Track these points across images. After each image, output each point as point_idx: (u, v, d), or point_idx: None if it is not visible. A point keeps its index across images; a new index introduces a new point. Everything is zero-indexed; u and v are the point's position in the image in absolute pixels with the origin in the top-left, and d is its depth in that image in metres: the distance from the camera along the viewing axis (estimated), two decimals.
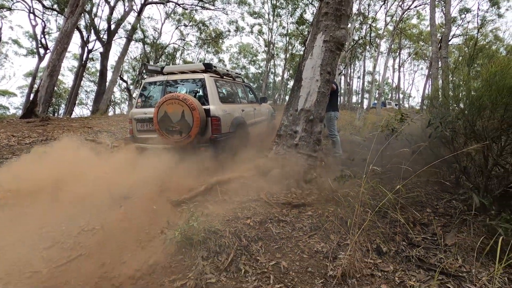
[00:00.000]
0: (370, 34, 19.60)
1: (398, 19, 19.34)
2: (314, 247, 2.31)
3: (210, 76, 4.66)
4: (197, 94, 4.51)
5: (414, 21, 25.20)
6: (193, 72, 4.87)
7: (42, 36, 19.13)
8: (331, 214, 2.82)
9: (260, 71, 32.89)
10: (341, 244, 2.38)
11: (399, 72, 30.23)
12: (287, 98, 30.63)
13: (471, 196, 2.65)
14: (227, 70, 5.68)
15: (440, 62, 9.63)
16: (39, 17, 18.65)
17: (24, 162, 4.67)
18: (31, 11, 17.83)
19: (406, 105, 42.31)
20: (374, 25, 20.85)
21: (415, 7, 19.20)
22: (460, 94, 3.04)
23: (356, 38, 20.91)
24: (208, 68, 4.78)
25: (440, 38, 11.79)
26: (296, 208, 3.04)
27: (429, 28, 12.71)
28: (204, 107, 4.29)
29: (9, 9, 17.69)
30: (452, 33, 19.17)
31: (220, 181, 3.50)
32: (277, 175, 3.73)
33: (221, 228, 2.36)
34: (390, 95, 39.97)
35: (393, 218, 2.75)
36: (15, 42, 24.45)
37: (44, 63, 18.63)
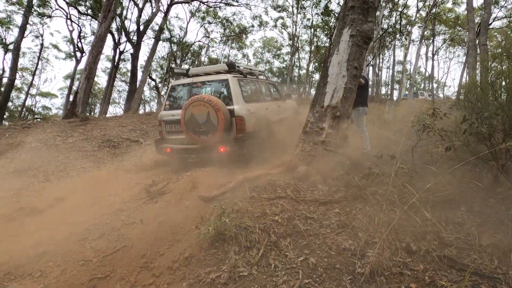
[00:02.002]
0: (400, 22, 18.63)
1: (431, 3, 18.16)
2: (342, 245, 2.35)
3: (234, 76, 4.78)
4: (222, 94, 4.65)
5: (449, 4, 23.52)
6: (217, 73, 5.02)
7: (78, 40, 20.43)
8: (358, 212, 2.83)
9: (284, 65, 32.59)
10: (369, 242, 2.40)
11: (433, 60, 28.43)
12: (312, 91, 30.13)
13: (509, 195, 2.53)
14: (250, 69, 5.75)
15: (478, 50, 8.97)
16: (75, 23, 19.91)
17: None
18: (68, 17, 19.08)
19: (441, 95, 39.83)
20: (405, 12, 19.73)
21: None
22: (500, 86, 2.88)
23: (385, 27, 19.97)
24: (231, 68, 4.90)
25: (478, 23, 10.95)
26: (323, 205, 3.08)
27: (466, 12, 11.84)
28: (228, 107, 4.42)
29: (49, 16, 19.05)
30: (493, 16, 17.66)
31: (248, 178, 3.61)
32: (303, 172, 3.78)
33: (251, 224, 2.47)
34: (422, 85, 37.80)
35: (423, 216, 2.70)
36: (55, 46, 26.36)
37: (81, 66, 19.92)
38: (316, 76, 31.31)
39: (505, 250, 2.18)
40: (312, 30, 24.13)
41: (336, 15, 19.70)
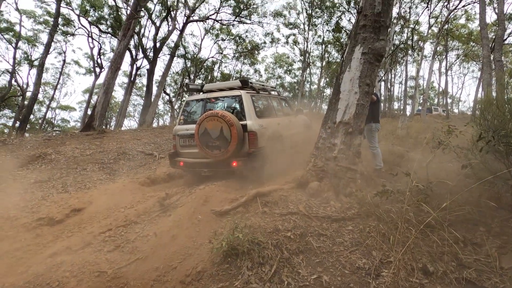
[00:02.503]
0: (412, 38, 18.66)
1: (443, 20, 18.17)
2: (356, 263, 2.31)
3: (247, 92, 4.90)
4: (235, 110, 4.76)
5: (462, 21, 23.45)
6: (231, 89, 5.17)
7: (98, 56, 21.41)
8: (372, 230, 2.79)
9: (295, 80, 32.94)
10: (384, 261, 2.36)
11: (446, 75, 28.09)
12: (323, 106, 30.17)
13: None
14: (262, 84, 5.88)
15: (493, 65, 8.86)
16: (96, 40, 20.97)
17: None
18: (90, 35, 20.13)
19: (456, 111, 39.06)
20: (416, 28, 19.78)
21: (463, 6, 17.92)
22: None
23: (397, 42, 20.04)
24: (244, 84, 5.04)
25: (493, 38, 10.85)
26: (336, 222, 3.05)
27: (479, 28, 11.79)
28: (241, 122, 4.51)
29: (73, 34, 20.16)
30: (508, 31, 17.48)
31: (260, 193, 3.63)
32: (315, 188, 3.77)
33: (263, 240, 2.48)
34: (436, 100, 37.24)
35: (440, 236, 2.64)
36: (76, 62, 27.74)
37: (99, 80, 20.80)
38: (328, 91, 31.43)
39: None
40: (323, 46, 24.46)
41: (347, 31, 19.97)
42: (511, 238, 2.56)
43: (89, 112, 18.51)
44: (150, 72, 17.22)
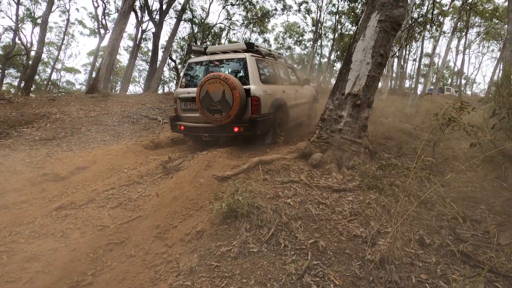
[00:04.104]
0: (432, 11, 17.57)
1: None
2: (353, 231, 2.34)
3: (252, 55, 4.67)
4: (238, 73, 4.54)
5: None
6: (235, 51, 4.92)
7: (102, 17, 20.72)
8: (373, 201, 2.79)
9: (305, 52, 31.81)
10: (382, 231, 2.38)
11: (464, 54, 26.82)
12: (332, 81, 29.38)
13: None
14: (269, 50, 5.63)
15: None
16: None
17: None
18: None
19: (469, 92, 37.88)
20: (438, 0, 18.54)
21: None
22: None
23: (416, 16, 18.92)
24: (250, 47, 4.79)
25: None
26: (337, 193, 3.06)
27: (506, 3, 10.99)
28: (244, 87, 4.32)
29: None
30: None
31: (262, 161, 3.62)
32: (318, 159, 3.74)
33: (263, 204, 2.50)
34: (450, 80, 35.98)
35: (440, 211, 2.64)
36: (80, 22, 27.00)
37: (104, 43, 20.29)
38: (338, 65, 30.43)
39: None
40: (337, 16, 23.25)
41: (363, 0, 18.83)
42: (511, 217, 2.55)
43: (94, 75, 18.27)
44: (156, 36, 16.69)
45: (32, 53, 19.07)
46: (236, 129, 4.29)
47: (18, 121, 5.87)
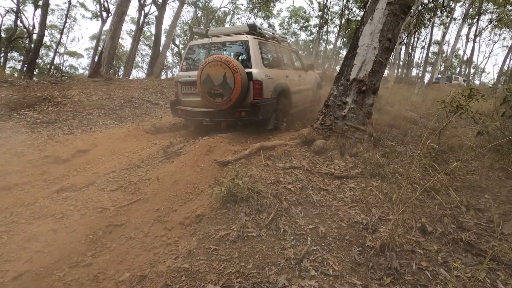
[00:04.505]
0: None
1: None
2: (354, 218, 2.31)
3: (254, 38, 4.52)
4: (240, 56, 4.41)
5: None
6: (237, 34, 4.75)
7: None
8: (375, 189, 2.76)
9: (311, 38, 31.12)
10: (383, 218, 2.35)
11: (474, 42, 26.03)
12: (337, 68, 28.85)
13: None
14: (272, 33, 5.45)
15: None
16: None
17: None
18: None
19: (477, 82, 37.07)
20: None
21: None
22: None
23: (426, 1, 18.28)
24: (252, 30, 4.61)
25: None
26: (339, 179, 3.02)
27: None
28: (246, 70, 4.20)
29: None
30: None
31: (264, 146, 3.57)
32: (321, 145, 3.69)
33: (263, 189, 2.47)
34: (458, 69, 35.16)
35: (443, 199, 2.59)
36: (82, 5, 26.46)
37: (106, 26, 19.98)
38: (344, 52, 29.79)
39: None
40: (344, 1, 22.57)
41: None
42: None
43: (96, 59, 18.11)
44: (159, 20, 16.35)
45: (35, 36, 18.88)
46: (237, 114, 4.21)
47: (20, 103, 5.84)
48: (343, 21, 24.14)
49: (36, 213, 2.54)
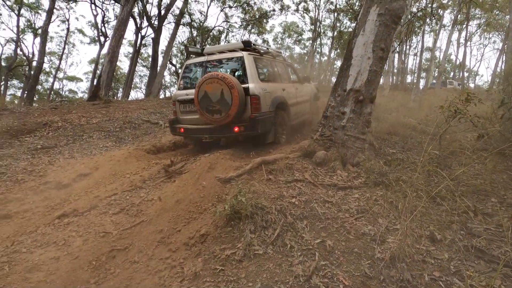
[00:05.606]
0: (432, 5, 17.39)
1: None
2: (361, 229, 2.27)
3: (249, 54, 4.59)
4: (237, 72, 4.46)
5: None
6: (233, 51, 4.84)
7: (102, 25, 20.83)
8: (380, 198, 2.72)
9: (305, 51, 31.73)
10: (390, 228, 2.31)
11: (465, 47, 26.55)
12: (333, 79, 29.25)
13: None
14: (267, 48, 5.56)
15: None
16: (99, 7, 20.24)
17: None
18: (92, 1, 19.40)
19: (472, 85, 37.46)
20: None
21: None
22: None
23: (415, 10, 18.76)
24: (247, 46, 4.70)
25: None
26: (342, 190, 2.99)
27: None
28: (243, 85, 4.24)
29: (75, 0, 19.47)
30: None
31: (265, 161, 3.56)
32: (322, 157, 3.68)
33: (267, 205, 2.44)
34: (452, 74, 35.64)
35: (450, 206, 2.56)
36: (80, 31, 27.10)
37: (104, 50, 20.39)
38: (338, 63, 30.28)
39: None
40: (336, 14, 23.17)
41: None
42: None
43: (95, 82, 18.39)
44: (155, 41, 16.72)
45: (34, 64, 19.24)
46: (236, 129, 4.22)
47: (21, 130, 5.87)
48: (335, 33, 24.70)
49: (38, 241, 2.49)
